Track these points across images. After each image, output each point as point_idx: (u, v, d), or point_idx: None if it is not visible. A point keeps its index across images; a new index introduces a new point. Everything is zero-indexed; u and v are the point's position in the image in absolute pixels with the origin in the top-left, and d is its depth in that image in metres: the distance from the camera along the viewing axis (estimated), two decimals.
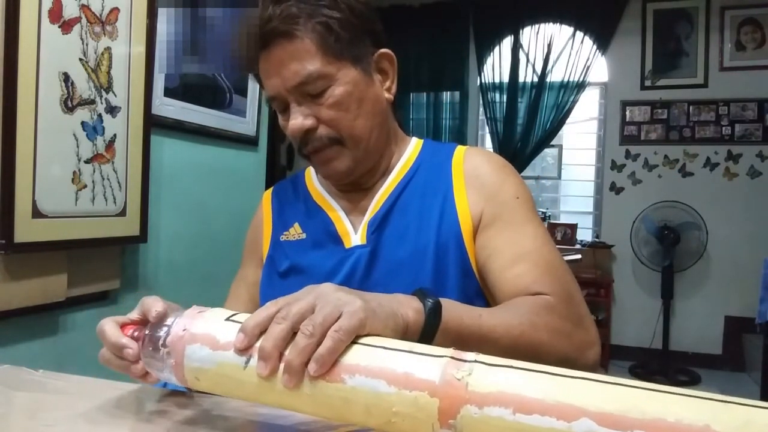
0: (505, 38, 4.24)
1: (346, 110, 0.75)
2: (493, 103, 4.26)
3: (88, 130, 1.28)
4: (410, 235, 0.78)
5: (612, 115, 4.10)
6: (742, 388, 3.43)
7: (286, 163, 4.47)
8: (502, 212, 0.77)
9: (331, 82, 0.74)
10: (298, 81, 0.73)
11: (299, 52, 0.73)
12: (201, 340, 0.48)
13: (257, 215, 0.95)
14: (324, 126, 0.76)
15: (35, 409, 0.58)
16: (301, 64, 0.73)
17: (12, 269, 1.16)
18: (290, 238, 0.85)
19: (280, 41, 0.73)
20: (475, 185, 0.79)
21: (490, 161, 0.82)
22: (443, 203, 0.79)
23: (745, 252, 3.76)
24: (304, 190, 0.90)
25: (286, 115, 0.78)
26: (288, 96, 0.75)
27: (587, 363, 0.66)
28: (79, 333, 1.36)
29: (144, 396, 0.60)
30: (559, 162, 4.32)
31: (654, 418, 0.36)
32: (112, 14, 1.32)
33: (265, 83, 0.77)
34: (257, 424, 0.55)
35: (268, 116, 2.07)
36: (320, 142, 0.76)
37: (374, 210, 0.81)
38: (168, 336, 0.50)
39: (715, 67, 3.88)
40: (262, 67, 0.77)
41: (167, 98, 1.57)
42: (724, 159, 3.87)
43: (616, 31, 4.03)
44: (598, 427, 0.37)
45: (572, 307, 0.69)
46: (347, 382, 0.43)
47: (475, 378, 0.41)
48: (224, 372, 0.47)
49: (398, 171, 0.84)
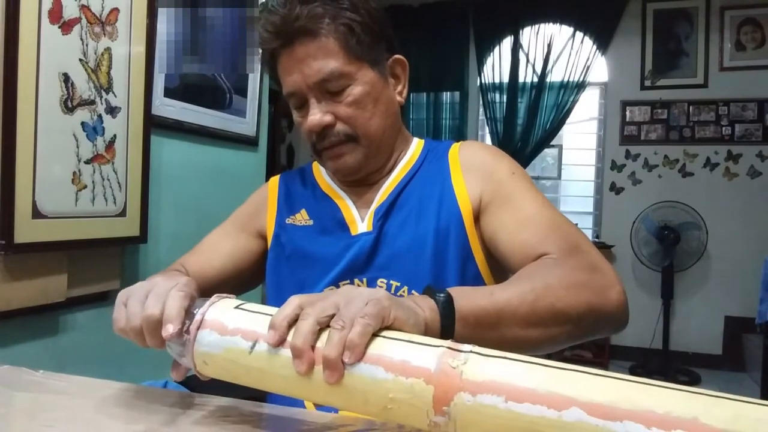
0: (505, 38, 4.24)
1: (363, 109, 0.79)
2: (493, 103, 4.26)
3: (88, 131, 1.28)
4: (411, 222, 0.81)
5: (612, 115, 4.10)
6: (742, 388, 3.42)
7: (286, 163, 4.47)
8: (500, 188, 0.80)
9: (351, 81, 0.78)
10: (321, 78, 0.77)
11: (323, 50, 0.76)
12: (211, 326, 0.50)
13: (260, 193, 0.97)
14: (341, 123, 0.79)
15: (35, 409, 0.58)
16: (324, 61, 0.76)
17: (12, 269, 1.16)
18: (296, 222, 0.88)
19: (305, 39, 0.76)
20: (471, 170, 0.83)
21: (484, 147, 0.88)
22: (442, 191, 0.82)
23: (745, 252, 3.76)
24: (312, 180, 0.93)
25: (303, 111, 0.81)
26: (308, 92, 0.78)
27: (612, 304, 0.66)
28: (79, 333, 1.36)
29: (144, 396, 0.60)
30: (559, 162, 4.32)
31: (644, 410, 0.37)
32: (112, 14, 1.32)
33: (285, 79, 0.80)
34: (257, 425, 0.55)
35: (268, 116, 2.07)
36: (336, 138, 0.80)
37: (380, 201, 0.85)
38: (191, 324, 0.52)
39: (715, 67, 3.88)
40: (284, 63, 0.79)
41: (167, 98, 1.57)
42: (724, 159, 3.87)
43: (616, 31, 4.03)
44: (588, 416, 0.38)
45: (582, 257, 0.69)
46: (347, 369, 0.44)
47: (470, 367, 0.42)
48: (230, 357, 0.49)
49: (402, 168, 0.88)
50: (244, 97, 1.90)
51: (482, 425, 0.41)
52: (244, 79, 1.88)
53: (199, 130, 1.70)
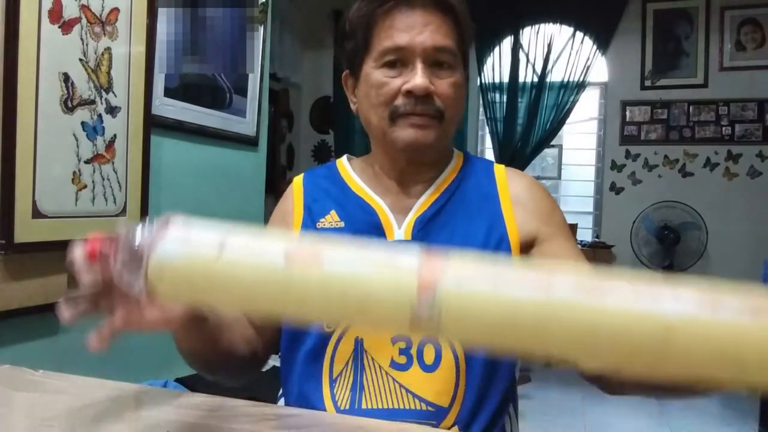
0: (505, 38, 4.23)
1: (457, 95, 0.81)
2: (493, 103, 4.25)
3: (88, 130, 1.28)
4: (457, 239, 0.80)
5: (612, 115, 4.10)
6: None
7: (286, 163, 4.47)
8: (558, 233, 0.83)
9: (456, 67, 0.81)
10: (441, 45, 0.78)
11: (446, 26, 0.79)
12: (171, 237, 0.45)
13: (285, 202, 0.92)
14: (438, 98, 0.79)
15: (35, 409, 0.58)
16: (444, 35, 0.79)
17: (12, 269, 1.16)
18: (326, 225, 0.84)
19: (438, 9, 0.79)
20: (525, 209, 0.83)
21: (536, 186, 0.88)
22: (492, 217, 0.82)
23: (745, 252, 3.76)
24: (340, 180, 0.89)
25: (395, 72, 0.79)
26: (420, 55, 0.78)
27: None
28: (79, 333, 1.36)
29: (144, 396, 0.60)
30: (559, 162, 4.32)
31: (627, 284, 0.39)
32: (112, 14, 1.32)
33: (397, 33, 0.78)
34: (257, 424, 0.55)
35: (268, 116, 2.07)
36: (432, 108, 0.79)
37: (420, 210, 0.83)
38: (142, 239, 0.45)
39: (715, 67, 3.88)
40: (398, 19, 0.79)
41: (167, 98, 1.57)
42: (724, 159, 3.87)
43: (616, 31, 4.03)
44: (575, 293, 0.39)
45: None
46: (325, 267, 0.43)
47: (454, 261, 0.42)
48: (193, 267, 0.44)
49: (444, 178, 0.87)
50: (244, 97, 1.90)
51: (469, 312, 0.39)
52: (244, 79, 1.88)
53: (199, 129, 1.70)
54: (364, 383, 0.74)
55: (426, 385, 0.73)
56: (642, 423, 2.93)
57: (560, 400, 3.13)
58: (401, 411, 0.73)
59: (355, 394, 0.74)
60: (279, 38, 4.00)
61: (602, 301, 0.38)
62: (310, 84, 4.56)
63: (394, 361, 0.74)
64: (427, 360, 0.74)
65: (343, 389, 0.75)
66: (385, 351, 0.75)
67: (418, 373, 0.74)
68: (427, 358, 0.74)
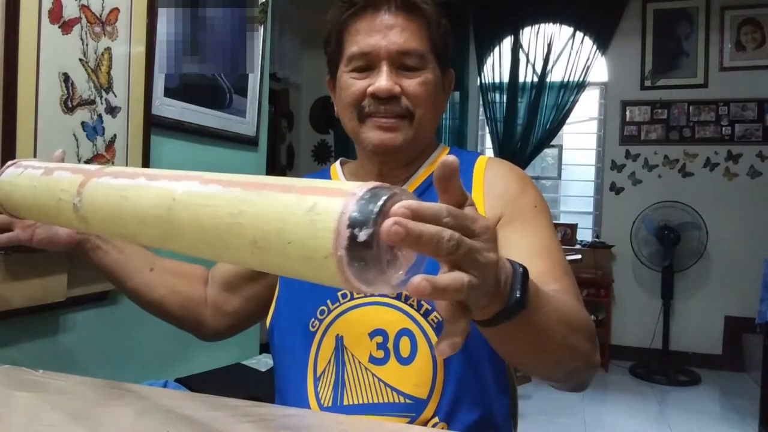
0: (505, 38, 4.24)
1: (428, 93, 0.81)
2: (493, 103, 4.26)
3: (88, 131, 1.28)
4: None
5: (612, 115, 4.10)
6: (742, 388, 3.43)
7: (286, 163, 4.47)
8: (520, 215, 0.80)
9: (425, 67, 0.81)
10: (405, 49, 0.79)
11: (413, 27, 0.80)
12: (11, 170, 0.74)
13: None
14: (406, 98, 0.80)
15: (35, 409, 0.58)
16: (413, 37, 0.80)
17: (12, 269, 1.16)
18: None
19: (402, 11, 0.80)
20: (494, 192, 0.82)
21: (511, 171, 0.86)
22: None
23: (745, 252, 3.76)
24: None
25: (363, 75, 0.81)
26: (385, 58, 0.79)
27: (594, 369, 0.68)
28: (79, 333, 1.36)
29: (144, 396, 0.60)
30: (559, 162, 4.32)
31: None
32: (112, 14, 1.32)
33: (363, 38, 0.80)
34: (257, 424, 0.55)
35: (268, 116, 2.07)
36: (399, 109, 0.80)
37: None
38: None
39: (715, 67, 3.88)
40: (365, 23, 0.80)
41: (167, 98, 1.57)
42: (724, 159, 3.87)
43: (616, 31, 4.03)
44: (202, 186, 0.49)
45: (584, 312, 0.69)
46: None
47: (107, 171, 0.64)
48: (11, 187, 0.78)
49: (419, 175, 0.88)
50: (244, 97, 1.90)
51: (96, 197, 0.59)
52: (244, 79, 1.88)
53: (199, 130, 1.70)
54: (346, 380, 0.76)
55: (404, 378, 0.74)
56: (642, 423, 2.93)
57: (560, 399, 3.13)
58: (381, 405, 0.74)
59: (337, 391, 0.75)
60: (279, 38, 4.00)
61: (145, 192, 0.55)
62: (310, 84, 4.56)
63: (372, 356, 0.76)
64: (404, 353, 0.75)
65: (326, 387, 0.76)
66: (363, 346, 0.76)
67: (396, 366, 0.75)
68: (403, 351, 0.75)
